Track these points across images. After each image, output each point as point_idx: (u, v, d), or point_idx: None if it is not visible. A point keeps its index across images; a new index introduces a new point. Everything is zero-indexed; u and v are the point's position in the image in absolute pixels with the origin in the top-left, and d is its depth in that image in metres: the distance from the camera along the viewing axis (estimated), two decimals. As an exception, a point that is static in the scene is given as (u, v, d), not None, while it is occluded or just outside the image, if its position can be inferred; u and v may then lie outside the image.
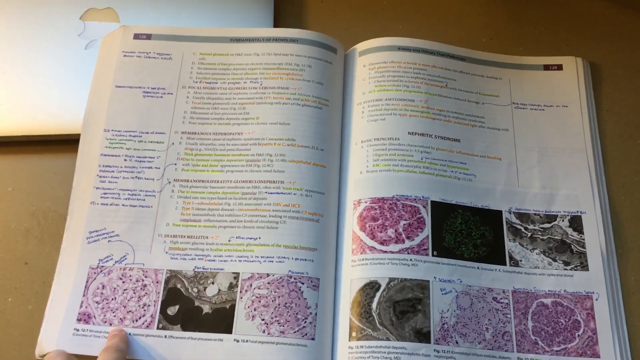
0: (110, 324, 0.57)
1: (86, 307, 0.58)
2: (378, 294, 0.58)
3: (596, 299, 0.59)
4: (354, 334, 0.56)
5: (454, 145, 0.65)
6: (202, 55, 0.70)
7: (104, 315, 0.58)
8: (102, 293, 0.59)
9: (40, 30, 0.72)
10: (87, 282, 0.59)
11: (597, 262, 0.60)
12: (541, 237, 0.62)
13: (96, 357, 0.56)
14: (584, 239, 0.62)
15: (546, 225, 0.62)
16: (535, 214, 0.63)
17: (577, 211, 0.63)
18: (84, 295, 0.59)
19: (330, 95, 0.68)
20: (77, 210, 0.63)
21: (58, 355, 0.52)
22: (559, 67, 0.71)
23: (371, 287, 0.58)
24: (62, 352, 0.52)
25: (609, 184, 0.65)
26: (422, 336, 0.56)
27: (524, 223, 0.62)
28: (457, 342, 0.56)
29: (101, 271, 0.60)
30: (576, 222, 0.62)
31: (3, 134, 0.67)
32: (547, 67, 0.71)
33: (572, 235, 0.62)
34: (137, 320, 0.58)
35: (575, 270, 0.60)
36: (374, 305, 0.57)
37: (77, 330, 0.57)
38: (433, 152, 0.64)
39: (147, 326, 0.58)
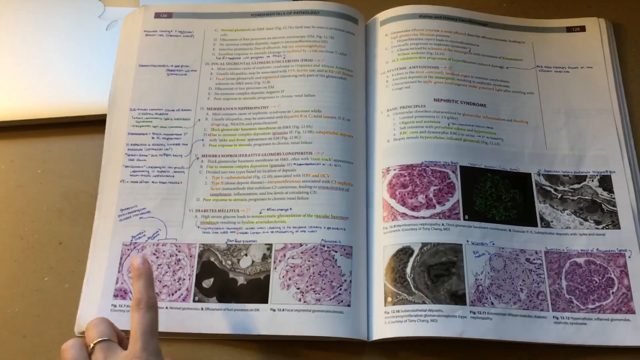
0: (148, 298, 0.58)
1: (122, 283, 0.59)
2: (412, 259, 0.58)
3: (629, 257, 0.59)
4: (389, 299, 0.57)
5: (480, 110, 0.65)
6: (223, 31, 0.70)
7: (141, 290, 0.59)
8: (137, 269, 0.60)
9: (61, 14, 0.73)
10: (121, 258, 0.60)
11: (629, 220, 0.60)
12: (571, 198, 0.62)
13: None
14: (614, 198, 0.62)
15: (576, 186, 0.62)
16: (564, 175, 0.63)
17: (607, 171, 0.63)
18: (119, 272, 0.60)
19: (353, 66, 0.68)
20: (107, 189, 0.63)
21: (101, 322, 0.52)
22: (582, 29, 0.70)
23: (404, 253, 0.58)
24: (104, 318, 0.53)
25: (637, 142, 0.65)
26: (458, 298, 0.56)
27: (554, 184, 0.62)
28: (492, 303, 0.56)
29: (134, 247, 0.60)
30: (606, 182, 0.62)
31: (30, 117, 0.68)
32: (569, 29, 0.71)
33: (602, 195, 0.62)
34: (173, 294, 0.58)
35: (606, 229, 0.60)
36: (408, 270, 0.57)
37: (115, 306, 0.58)
38: (459, 117, 0.64)
39: (184, 299, 0.58)
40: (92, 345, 0.50)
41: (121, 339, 0.52)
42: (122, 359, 0.48)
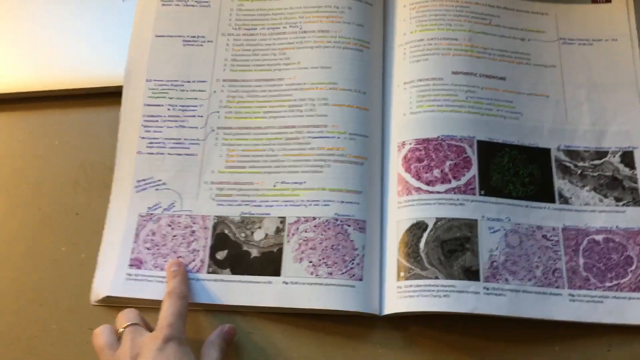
0: (162, 269, 0.59)
1: (137, 253, 0.60)
2: (425, 234, 0.57)
3: (649, 235, 0.58)
4: (402, 274, 0.56)
5: (499, 83, 0.64)
6: (240, 1, 0.69)
7: (155, 261, 0.59)
8: (152, 239, 0.60)
9: (79, -16, 0.72)
10: (137, 229, 0.61)
11: (650, 197, 0.59)
12: (591, 174, 0.60)
13: (148, 300, 0.57)
14: (636, 175, 0.60)
15: (596, 162, 0.61)
16: (585, 151, 0.61)
17: (629, 147, 0.61)
18: (134, 242, 0.60)
19: (371, 37, 0.67)
20: (123, 160, 0.64)
21: (130, 311, 0.54)
22: (608, 0, 0.68)
23: (418, 228, 0.58)
24: (133, 309, 0.55)
25: (662, 118, 0.63)
26: (471, 274, 0.56)
27: (574, 160, 0.61)
28: (506, 280, 0.56)
29: (150, 219, 0.61)
30: (628, 158, 0.61)
31: (47, 89, 0.68)
32: (595, 1, 0.68)
33: (623, 171, 0.60)
34: (187, 265, 0.59)
35: (627, 206, 0.59)
36: (422, 245, 0.57)
37: (130, 275, 0.59)
38: (478, 91, 0.63)
39: (198, 270, 0.59)
40: (121, 329, 0.52)
41: (149, 328, 0.54)
42: (147, 337, 0.51)
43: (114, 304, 0.58)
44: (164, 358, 0.49)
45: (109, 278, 0.59)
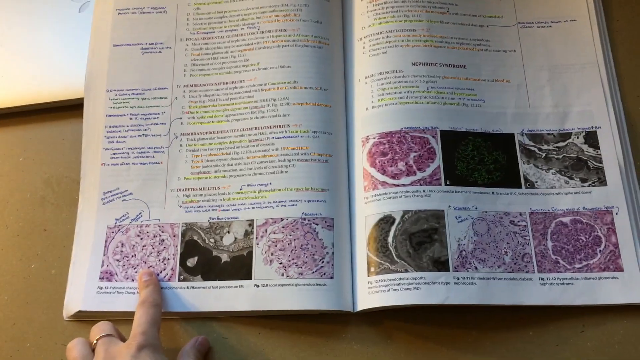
0: (133, 280, 0.58)
1: (107, 265, 0.59)
2: (393, 228, 0.57)
3: (616, 213, 0.58)
4: (372, 269, 0.56)
5: (460, 71, 0.64)
6: (196, 5, 0.69)
7: (126, 272, 0.59)
8: (121, 251, 0.60)
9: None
10: (106, 241, 0.60)
11: (615, 176, 0.59)
12: (556, 157, 0.60)
13: (120, 312, 0.57)
14: (600, 154, 0.60)
15: (560, 144, 0.61)
16: (548, 134, 0.61)
17: (592, 127, 0.61)
18: (104, 255, 0.60)
19: (329, 34, 0.66)
20: (89, 172, 0.63)
21: (103, 323, 0.54)
22: (565, -19, 0.68)
23: (386, 222, 0.58)
24: (106, 321, 0.55)
25: (624, 96, 0.63)
26: (441, 265, 0.56)
27: (538, 144, 0.61)
28: (476, 268, 0.56)
29: (119, 230, 0.61)
30: (591, 138, 0.61)
31: (7, 105, 0.67)
32: (552, -18, 0.68)
33: (587, 152, 0.60)
34: (158, 275, 0.58)
35: (593, 186, 0.59)
36: (390, 239, 0.57)
37: (101, 288, 0.58)
38: (439, 80, 0.63)
39: (169, 279, 0.58)
40: (94, 341, 0.52)
41: (123, 339, 0.54)
42: (122, 345, 0.51)
43: (87, 319, 0.58)
44: None
45: (80, 293, 0.59)
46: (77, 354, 0.51)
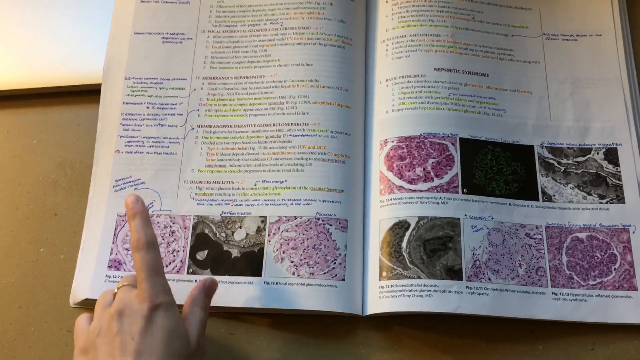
0: (141, 270, 0.58)
1: (116, 254, 0.59)
2: (408, 233, 0.57)
3: (633, 232, 0.57)
4: (384, 274, 0.56)
5: (482, 80, 0.63)
6: (220, -2, 0.68)
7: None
8: (131, 240, 0.59)
9: (56, -19, 0.71)
10: (115, 229, 0.60)
11: (634, 194, 0.59)
12: (575, 171, 0.60)
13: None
14: (619, 172, 0.60)
15: (580, 159, 0.60)
16: (568, 148, 0.61)
17: (613, 143, 0.61)
18: (113, 243, 0.59)
19: (352, 34, 0.66)
20: (102, 159, 0.63)
21: (131, 276, 0.52)
22: (592, -6, 0.68)
23: (400, 227, 0.57)
24: (133, 275, 0.52)
25: (646, 114, 0.63)
26: (454, 273, 0.55)
27: (557, 157, 0.60)
28: (489, 279, 0.55)
29: (129, 219, 0.60)
30: (611, 155, 0.60)
31: (25, 87, 0.67)
32: (579, -5, 0.68)
33: (607, 168, 0.60)
34: (167, 266, 0.58)
35: (611, 203, 0.58)
36: (404, 244, 0.56)
37: (109, 276, 0.58)
38: (461, 87, 0.62)
39: (178, 271, 0.58)
40: (116, 289, 0.51)
41: None
42: (133, 295, 0.48)
43: (93, 306, 0.57)
44: (150, 327, 0.47)
45: (88, 280, 0.58)
46: (101, 300, 0.51)
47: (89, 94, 0.67)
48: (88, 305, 0.58)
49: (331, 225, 0.58)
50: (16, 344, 0.57)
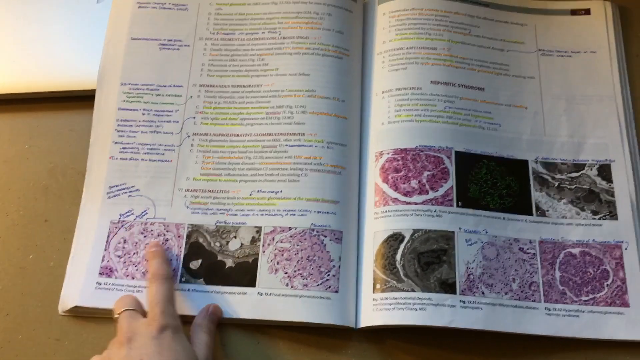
0: (133, 278, 0.57)
1: (108, 261, 0.58)
2: (402, 246, 0.57)
3: (625, 248, 0.58)
4: (378, 286, 0.56)
5: (478, 94, 0.63)
6: (218, 5, 0.68)
7: (126, 269, 0.58)
8: (123, 247, 0.59)
9: (52, -16, 0.71)
10: (108, 236, 0.59)
11: (627, 211, 0.59)
12: (569, 187, 0.60)
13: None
14: (613, 188, 0.60)
15: (574, 175, 0.61)
16: (562, 164, 0.61)
17: (606, 159, 0.61)
18: (105, 250, 0.59)
19: (350, 45, 0.66)
20: (95, 165, 0.62)
21: (127, 296, 0.55)
22: (587, 12, 0.68)
23: (395, 239, 0.57)
24: (130, 295, 0.56)
25: (639, 131, 0.63)
26: (448, 287, 0.55)
27: (551, 172, 0.61)
28: (483, 293, 0.55)
29: (122, 226, 0.59)
30: (605, 171, 0.61)
31: (18, 91, 0.66)
32: (574, 12, 0.68)
33: (600, 184, 0.60)
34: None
35: (604, 219, 0.59)
36: (398, 257, 0.56)
37: (100, 284, 0.57)
38: (456, 101, 0.63)
39: (170, 280, 0.57)
40: (116, 315, 0.53)
41: (145, 314, 0.54)
42: (142, 322, 0.51)
43: (82, 314, 0.57)
44: (159, 348, 0.49)
45: (78, 287, 0.57)
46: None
47: (82, 99, 0.66)
48: (77, 313, 0.57)
49: (326, 236, 0.58)
50: (3, 352, 0.56)
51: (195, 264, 0.58)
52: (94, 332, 0.57)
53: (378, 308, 0.55)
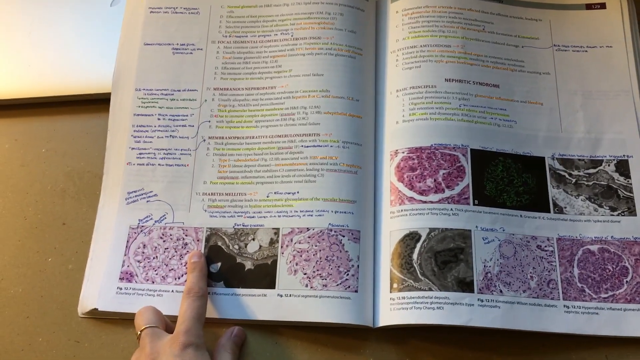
0: (153, 282, 0.58)
1: (128, 266, 0.59)
2: (419, 245, 0.57)
3: (645, 245, 0.57)
4: (395, 286, 0.56)
5: (493, 91, 0.63)
6: (230, 8, 0.68)
7: (146, 274, 0.58)
8: (143, 252, 0.59)
9: (65, -11, 0.71)
10: (127, 241, 0.60)
11: (645, 206, 0.59)
12: (586, 183, 0.60)
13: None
14: (631, 184, 0.60)
15: (591, 171, 0.60)
16: (579, 160, 0.61)
17: (624, 155, 0.61)
18: (125, 255, 0.59)
19: (363, 44, 0.66)
20: (112, 170, 0.62)
21: (147, 310, 0.55)
22: (602, 6, 0.67)
23: (411, 238, 0.57)
24: (150, 307, 0.55)
25: (657, 126, 0.63)
26: (465, 286, 0.55)
27: (568, 169, 0.61)
28: (501, 291, 0.55)
29: (141, 231, 0.60)
30: (623, 167, 0.60)
31: (34, 95, 0.67)
32: (589, 7, 0.68)
33: (618, 180, 0.60)
34: (179, 278, 0.58)
35: (622, 215, 0.58)
36: (415, 256, 0.56)
37: (120, 289, 0.58)
38: (471, 98, 0.62)
39: (190, 283, 0.58)
40: (139, 332, 0.52)
41: (168, 325, 0.54)
42: (165, 342, 0.51)
43: (101, 317, 0.58)
44: None
45: (97, 290, 0.58)
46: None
47: (98, 102, 0.67)
48: (96, 315, 0.58)
49: (344, 236, 0.58)
50: (24, 354, 0.57)
51: (214, 267, 0.58)
52: (114, 334, 0.57)
53: (395, 307, 0.55)
